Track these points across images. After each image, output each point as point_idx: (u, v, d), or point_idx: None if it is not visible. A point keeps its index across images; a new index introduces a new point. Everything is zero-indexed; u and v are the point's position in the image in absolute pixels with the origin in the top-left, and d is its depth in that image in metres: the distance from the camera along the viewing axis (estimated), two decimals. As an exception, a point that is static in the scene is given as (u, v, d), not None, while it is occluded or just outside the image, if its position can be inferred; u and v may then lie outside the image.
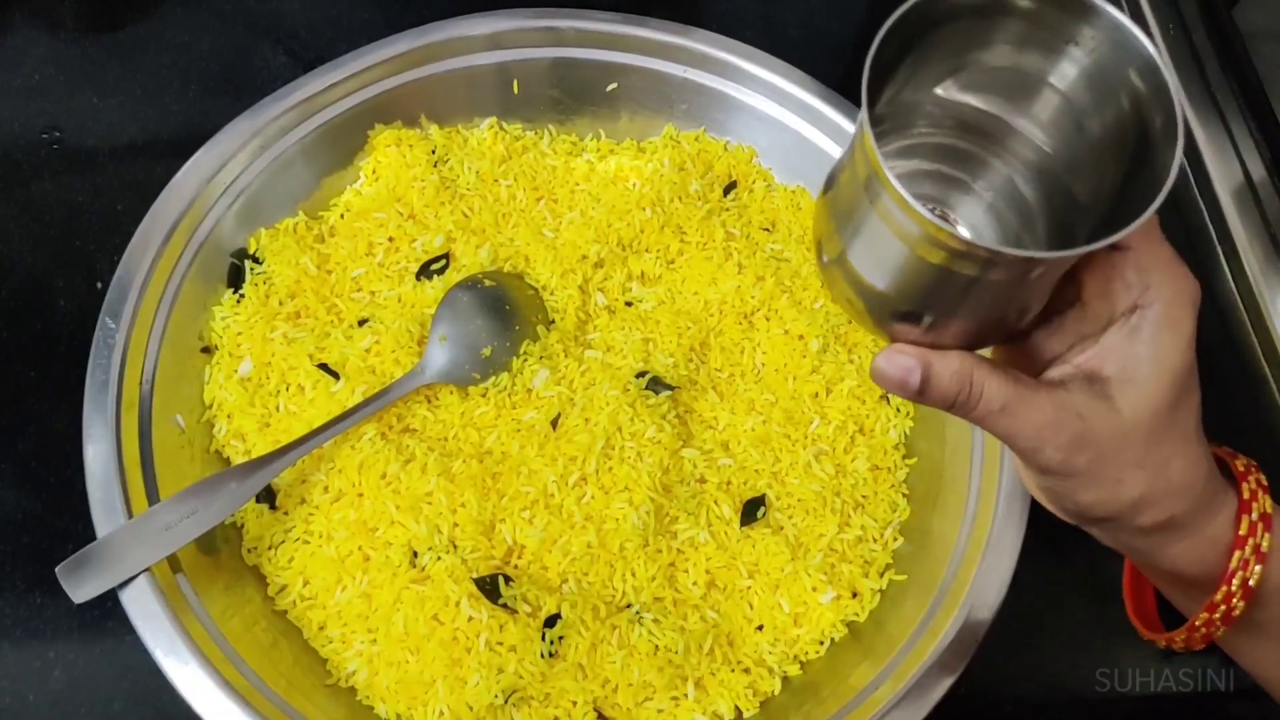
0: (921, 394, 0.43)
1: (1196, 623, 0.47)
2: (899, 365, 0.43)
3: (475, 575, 0.60)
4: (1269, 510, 0.45)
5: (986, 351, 0.46)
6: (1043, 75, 0.43)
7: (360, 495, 0.63)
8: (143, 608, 0.56)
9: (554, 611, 0.60)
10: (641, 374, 0.68)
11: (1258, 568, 0.44)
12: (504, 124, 0.78)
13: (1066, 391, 0.42)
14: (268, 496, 0.64)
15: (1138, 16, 0.76)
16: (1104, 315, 0.42)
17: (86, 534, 0.58)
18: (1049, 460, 0.42)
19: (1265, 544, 0.44)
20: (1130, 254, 0.42)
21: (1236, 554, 0.45)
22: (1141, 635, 0.51)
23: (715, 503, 0.66)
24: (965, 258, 0.39)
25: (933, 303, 0.42)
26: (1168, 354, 0.41)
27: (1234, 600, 0.45)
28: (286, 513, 0.64)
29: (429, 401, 0.67)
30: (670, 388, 0.68)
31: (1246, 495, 0.45)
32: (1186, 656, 0.67)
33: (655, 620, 0.61)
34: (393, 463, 0.63)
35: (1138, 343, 0.42)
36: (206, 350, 0.67)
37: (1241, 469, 0.46)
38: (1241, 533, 0.45)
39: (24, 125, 0.79)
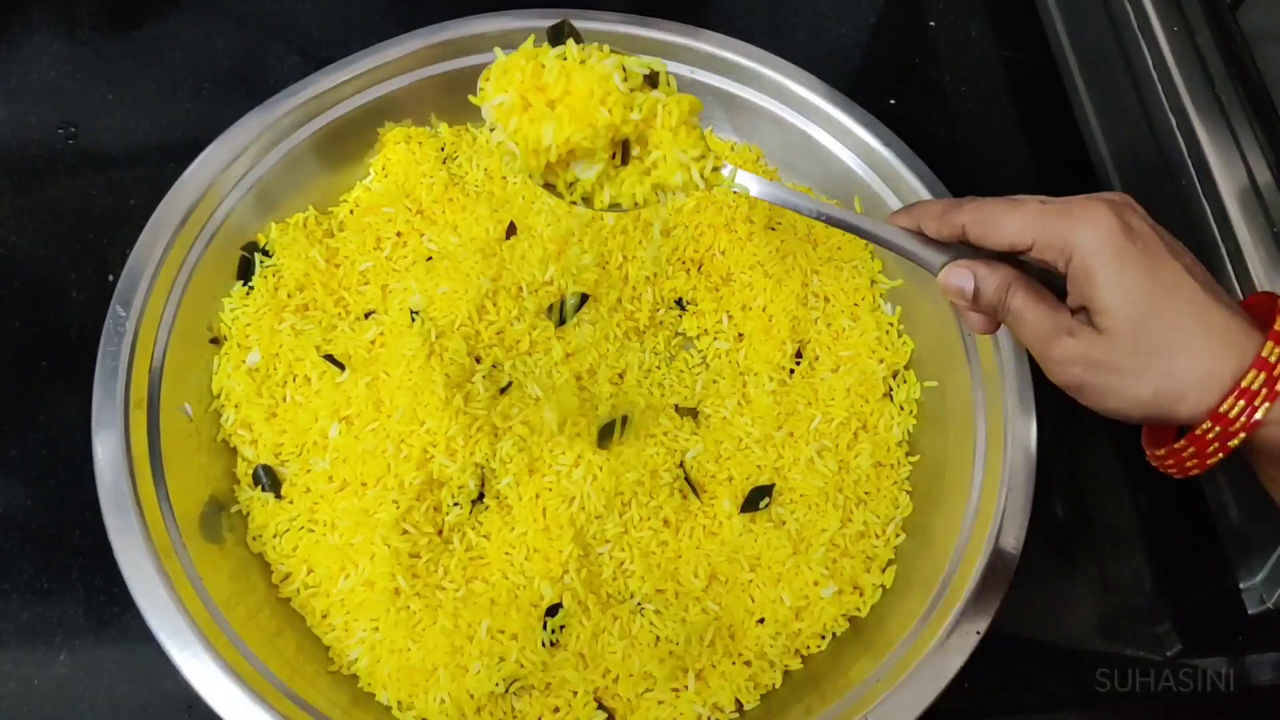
0: (975, 300, 0.51)
1: (1199, 431, 0.46)
2: (956, 277, 0.52)
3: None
4: None
5: None
6: None
7: (364, 484, 0.63)
8: (149, 594, 0.56)
9: (555, 601, 0.61)
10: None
11: (1246, 420, 0.45)
12: (513, 123, 0.79)
13: (1071, 318, 0.49)
14: (273, 485, 0.64)
15: (1141, 17, 0.76)
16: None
17: (95, 520, 0.58)
18: (1059, 376, 0.49)
19: (1261, 409, 0.44)
20: (1010, 230, 0.49)
21: (1251, 373, 0.45)
22: (1150, 458, 0.51)
23: (713, 498, 0.66)
24: None
25: None
26: (1108, 287, 0.46)
27: (1235, 414, 0.45)
28: (291, 501, 0.64)
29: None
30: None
31: (1265, 352, 0.45)
32: (1187, 655, 0.67)
33: (657, 611, 0.62)
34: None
35: (1082, 287, 0.48)
36: (215, 341, 0.68)
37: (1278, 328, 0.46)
38: (1264, 354, 0.45)
39: (40, 121, 0.80)
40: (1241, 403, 0.45)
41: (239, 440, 0.66)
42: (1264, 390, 0.44)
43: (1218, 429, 0.45)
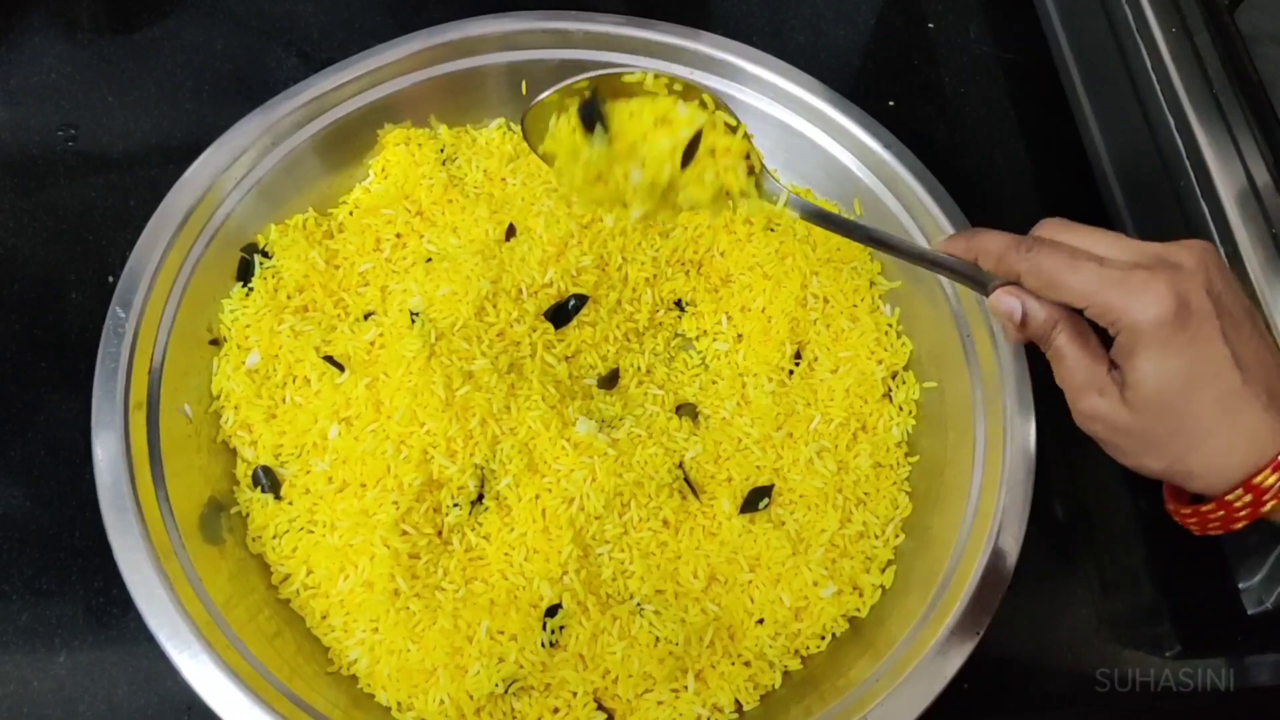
0: (1021, 328, 0.52)
1: (1228, 497, 0.46)
2: (1006, 304, 0.53)
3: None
4: None
5: None
6: None
7: (363, 485, 0.63)
8: (148, 595, 0.56)
9: (555, 601, 0.61)
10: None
11: (1248, 511, 0.46)
12: (512, 124, 0.79)
13: (1107, 373, 0.48)
14: (272, 486, 0.64)
15: (1140, 19, 0.77)
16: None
17: (95, 521, 0.58)
18: (1081, 425, 0.51)
19: (1268, 505, 0.45)
20: (1066, 294, 0.49)
21: (1236, 491, 0.46)
22: (1170, 513, 0.52)
23: (713, 499, 0.66)
24: None
25: None
26: (1144, 370, 0.46)
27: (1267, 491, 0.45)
28: (291, 503, 0.64)
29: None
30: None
31: None
32: (1187, 656, 0.67)
33: (656, 612, 0.62)
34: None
35: (1123, 358, 0.48)
36: (215, 342, 0.68)
37: None
38: (1258, 481, 0.45)
39: (40, 123, 0.80)
40: (1249, 496, 0.46)
41: (238, 441, 0.66)
42: (1273, 490, 0.45)
43: (1223, 513, 0.47)
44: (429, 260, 0.71)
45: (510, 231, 0.72)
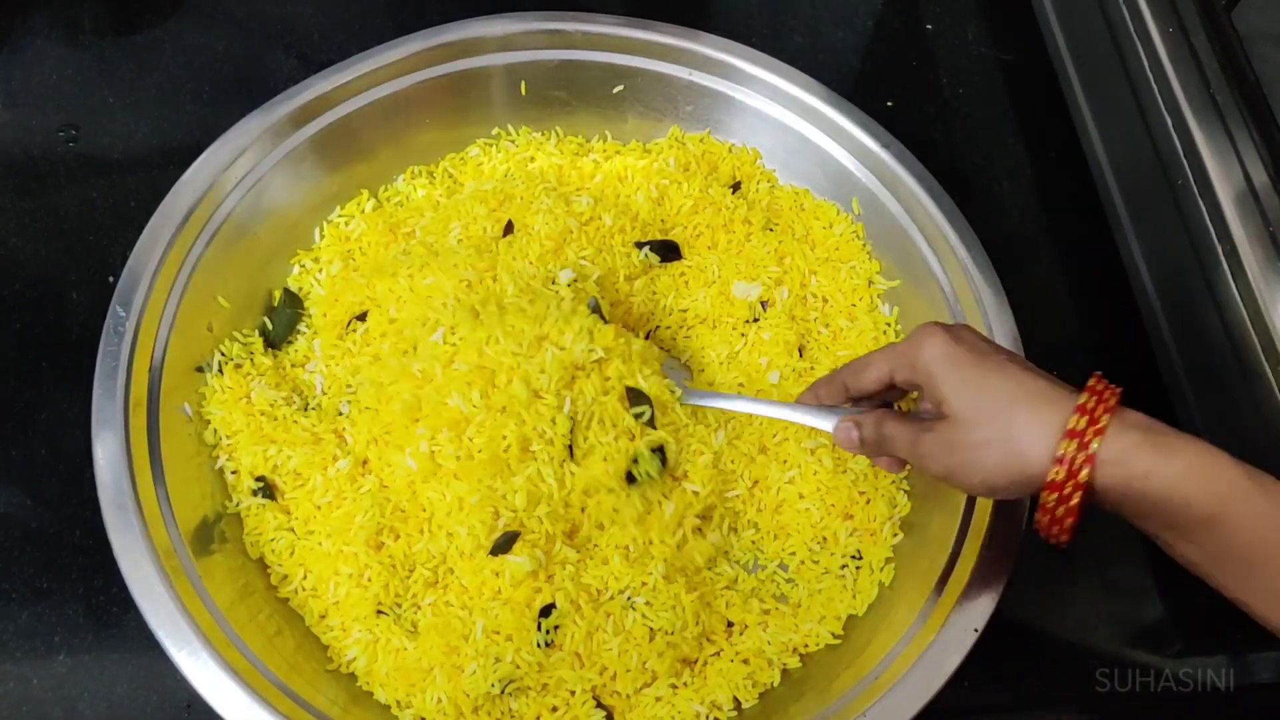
0: (862, 444, 0.59)
1: (1050, 477, 0.50)
2: (845, 432, 0.60)
3: None
4: (1101, 416, 0.50)
5: None
6: None
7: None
8: (148, 592, 0.57)
9: (549, 601, 0.61)
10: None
11: (1084, 456, 0.49)
12: (511, 126, 0.79)
13: (933, 428, 0.54)
14: (267, 492, 0.64)
15: (1137, 19, 0.77)
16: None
17: (95, 519, 0.58)
18: (929, 468, 0.55)
19: (1093, 444, 0.49)
20: (874, 369, 0.59)
21: (1075, 416, 0.50)
22: (1039, 530, 0.54)
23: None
24: None
25: None
26: (947, 392, 0.54)
27: (1065, 488, 0.50)
28: (288, 512, 0.64)
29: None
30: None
31: (1082, 400, 0.50)
32: (1187, 655, 0.67)
33: (647, 603, 0.61)
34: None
35: (929, 391, 0.55)
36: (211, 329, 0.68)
37: (1091, 383, 0.52)
38: (1081, 402, 0.50)
39: (42, 124, 0.80)
40: (1074, 443, 0.49)
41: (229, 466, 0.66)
42: (1089, 429, 0.49)
43: (1065, 470, 0.50)
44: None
45: (508, 228, 0.72)
